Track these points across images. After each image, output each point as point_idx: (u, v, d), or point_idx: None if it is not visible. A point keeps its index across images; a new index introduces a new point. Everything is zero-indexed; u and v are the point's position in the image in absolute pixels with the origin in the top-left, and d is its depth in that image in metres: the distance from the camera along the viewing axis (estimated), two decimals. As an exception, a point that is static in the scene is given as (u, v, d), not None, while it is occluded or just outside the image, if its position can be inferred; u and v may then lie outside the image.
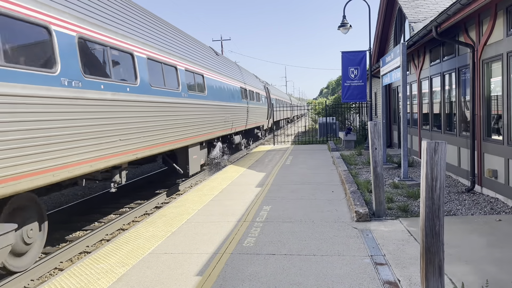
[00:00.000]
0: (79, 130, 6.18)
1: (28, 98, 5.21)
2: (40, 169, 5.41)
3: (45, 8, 5.70)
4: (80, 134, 6.22)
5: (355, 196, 7.66)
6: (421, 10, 13.96)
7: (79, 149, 6.20)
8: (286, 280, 4.42)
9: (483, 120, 8.01)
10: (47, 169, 5.52)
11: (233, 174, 11.92)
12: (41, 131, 5.41)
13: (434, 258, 3.60)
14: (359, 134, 21.81)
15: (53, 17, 5.82)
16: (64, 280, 4.68)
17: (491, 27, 7.45)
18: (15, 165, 4.98)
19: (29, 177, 5.21)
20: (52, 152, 5.61)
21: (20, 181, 5.08)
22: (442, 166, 3.56)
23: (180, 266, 4.95)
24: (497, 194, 7.59)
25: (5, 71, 4.88)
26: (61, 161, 5.79)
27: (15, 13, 5.11)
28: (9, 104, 4.92)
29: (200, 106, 12.02)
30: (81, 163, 6.26)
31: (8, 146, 4.88)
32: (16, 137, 4.99)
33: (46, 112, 5.51)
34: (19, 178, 5.07)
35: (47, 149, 5.51)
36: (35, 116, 5.32)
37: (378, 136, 6.83)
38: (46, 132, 5.50)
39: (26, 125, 5.16)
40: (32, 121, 5.25)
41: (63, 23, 6.04)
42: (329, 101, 35.11)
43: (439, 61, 10.55)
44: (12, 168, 4.94)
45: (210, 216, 7.23)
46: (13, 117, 4.97)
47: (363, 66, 17.14)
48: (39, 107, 5.40)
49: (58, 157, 5.73)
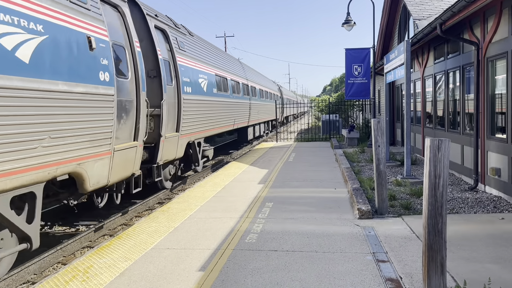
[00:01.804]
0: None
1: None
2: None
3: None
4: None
5: (358, 193, 7.65)
6: (426, 7, 13.90)
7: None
8: (288, 276, 4.43)
9: (487, 118, 7.98)
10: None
11: (236, 170, 11.93)
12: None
13: (437, 255, 3.60)
14: (362, 131, 21.78)
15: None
16: (67, 274, 4.71)
17: (496, 25, 7.41)
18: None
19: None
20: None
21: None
22: (445, 164, 3.55)
23: (182, 261, 4.97)
24: (500, 193, 7.57)
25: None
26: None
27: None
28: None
29: (256, 104, 21.42)
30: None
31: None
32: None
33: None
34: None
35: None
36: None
37: (382, 133, 6.82)
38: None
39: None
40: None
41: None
42: (333, 99, 35.07)
43: (443, 58, 10.51)
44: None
45: (212, 212, 7.25)
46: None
47: (367, 63, 17.09)
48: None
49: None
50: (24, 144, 4.80)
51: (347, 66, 17.21)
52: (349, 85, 17.30)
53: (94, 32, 6.28)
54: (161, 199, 10.37)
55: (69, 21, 5.71)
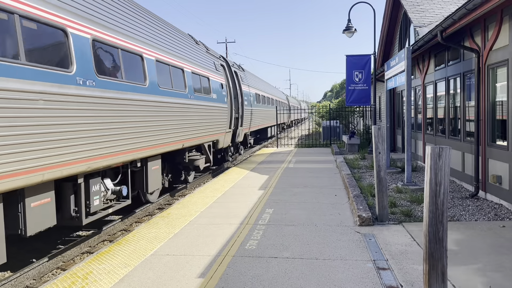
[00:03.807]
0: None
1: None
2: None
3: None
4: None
5: (358, 200, 7.64)
6: (427, 14, 13.95)
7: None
8: (288, 283, 4.41)
9: (487, 125, 7.98)
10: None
11: (236, 176, 11.92)
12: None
13: (437, 264, 3.58)
14: (363, 138, 21.78)
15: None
16: (66, 280, 4.69)
17: (496, 33, 7.43)
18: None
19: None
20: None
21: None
22: (446, 171, 3.54)
23: (182, 268, 4.95)
24: (501, 200, 7.55)
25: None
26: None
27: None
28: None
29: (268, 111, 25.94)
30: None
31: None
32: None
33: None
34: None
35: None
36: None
37: (382, 140, 6.82)
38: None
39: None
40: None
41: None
42: (333, 105, 35.08)
43: (444, 65, 10.53)
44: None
45: (212, 218, 7.23)
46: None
47: (368, 69, 17.12)
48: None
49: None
50: (206, 130, 11.92)
51: (347, 73, 17.24)
52: (349, 91, 17.32)
53: (222, 81, 14.37)
54: (161, 204, 10.36)
55: (219, 79, 13.89)
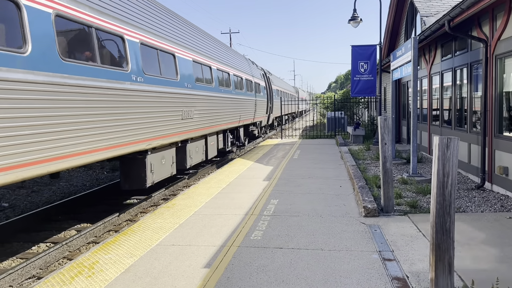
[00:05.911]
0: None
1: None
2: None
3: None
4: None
5: (364, 191, 7.62)
6: (433, 4, 13.77)
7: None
8: (294, 274, 4.41)
9: (494, 116, 7.91)
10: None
11: (241, 167, 11.92)
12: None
13: (444, 255, 3.56)
14: (368, 129, 21.69)
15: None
16: (73, 269, 4.72)
17: (505, 22, 7.32)
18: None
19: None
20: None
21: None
22: (454, 162, 3.51)
23: (187, 258, 4.96)
24: (507, 192, 7.51)
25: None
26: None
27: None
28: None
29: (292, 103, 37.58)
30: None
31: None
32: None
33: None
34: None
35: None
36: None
37: (388, 131, 6.77)
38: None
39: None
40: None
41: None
42: (338, 96, 34.94)
43: (450, 56, 10.41)
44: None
45: (217, 208, 7.24)
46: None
47: (373, 60, 16.98)
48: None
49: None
50: (257, 114, 19.54)
51: (353, 63, 17.12)
52: (355, 82, 17.22)
53: (264, 84, 22.10)
54: (166, 195, 10.38)
55: (263, 84, 21.82)
